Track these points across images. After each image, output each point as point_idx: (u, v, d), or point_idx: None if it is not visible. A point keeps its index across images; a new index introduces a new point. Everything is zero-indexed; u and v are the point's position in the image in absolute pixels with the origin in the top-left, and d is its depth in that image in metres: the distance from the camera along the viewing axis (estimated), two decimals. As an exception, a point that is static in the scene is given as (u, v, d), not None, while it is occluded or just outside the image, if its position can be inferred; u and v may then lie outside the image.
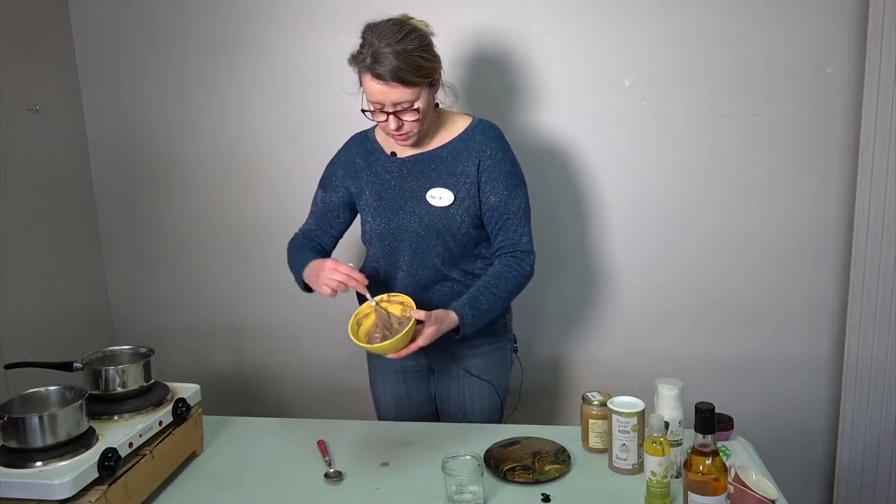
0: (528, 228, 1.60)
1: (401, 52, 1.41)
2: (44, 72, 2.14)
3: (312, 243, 1.68)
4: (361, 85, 1.48)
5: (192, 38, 2.20)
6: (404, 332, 1.34)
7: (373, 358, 1.78)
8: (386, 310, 1.45)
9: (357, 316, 1.45)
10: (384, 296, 1.47)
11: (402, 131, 1.50)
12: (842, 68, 1.99)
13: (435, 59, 1.50)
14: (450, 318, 1.45)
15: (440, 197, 1.55)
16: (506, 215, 1.57)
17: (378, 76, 1.42)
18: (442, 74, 1.55)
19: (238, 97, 2.22)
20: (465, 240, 1.58)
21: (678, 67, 2.04)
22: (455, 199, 1.55)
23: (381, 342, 1.38)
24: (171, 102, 2.25)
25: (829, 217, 2.08)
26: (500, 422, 1.72)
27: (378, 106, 1.47)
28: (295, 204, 2.20)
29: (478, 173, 1.55)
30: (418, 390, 1.75)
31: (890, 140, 1.92)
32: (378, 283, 1.63)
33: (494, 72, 2.10)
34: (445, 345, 1.61)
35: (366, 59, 1.43)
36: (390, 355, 1.37)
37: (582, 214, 2.16)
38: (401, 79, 1.42)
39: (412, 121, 1.49)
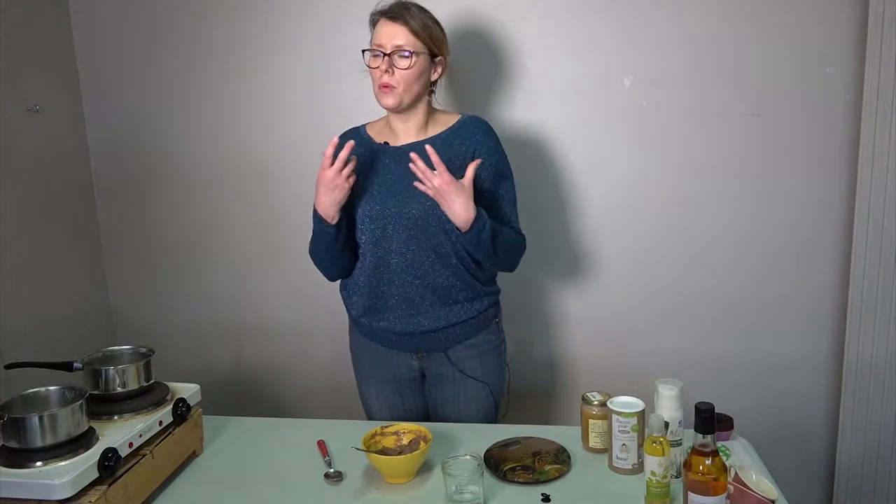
0: (516, 215, 1.67)
1: (419, 9, 1.59)
2: (44, 72, 2.14)
3: None
4: (371, 42, 1.59)
5: (192, 37, 2.20)
6: (416, 453, 1.36)
7: (361, 368, 1.77)
8: (380, 442, 1.44)
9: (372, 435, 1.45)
10: (377, 427, 1.46)
11: (390, 80, 1.55)
12: (842, 68, 1.99)
13: (443, 39, 1.63)
14: (472, 203, 1.50)
15: None
16: (496, 202, 1.63)
17: (390, 14, 1.56)
18: (444, 66, 1.63)
19: (239, 97, 2.22)
20: None
21: (678, 67, 2.04)
22: None
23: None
24: (171, 102, 2.25)
25: (829, 217, 2.08)
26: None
27: (379, 49, 1.55)
28: (296, 203, 2.20)
29: (471, 160, 1.58)
30: (413, 400, 1.75)
31: (890, 140, 1.92)
32: (374, 279, 1.63)
33: (494, 70, 2.10)
34: (439, 345, 1.65)
35: (381, 9, 1.59)
36: (392, 480, 1.38)
37: (582, 214, 2.16)
38: (408, 23, 1.55)
39: (403, 69, 1.55)
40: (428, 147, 1.48)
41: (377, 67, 1.56)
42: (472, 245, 1.55)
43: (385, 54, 1.54)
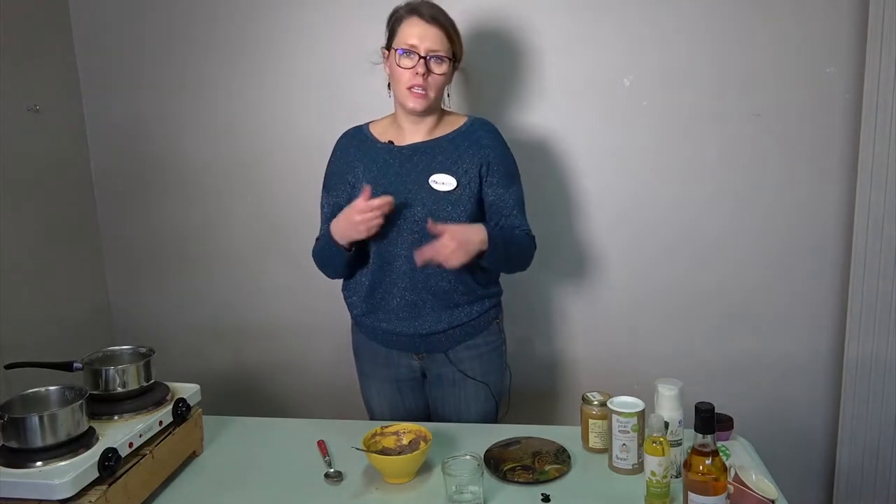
0: (524, 216, 1.67)
1: (442, 11, 1.56)
2: (44, 72, 2.14)
3: None
4: (391, 42, 1.55)
5: (193, 37, 2.20)
6: (416, 453, 1.35)
7: (363, 367, 1.77)
8: (380, 442, 1.43)
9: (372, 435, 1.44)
10: (377, 427, 1.45)
11: (425, 83, 1.52)
12: (842, 68, 1.99)
13: (462, 45, 1.61)
14: (475, 228, 1.50)
15: (443, 182, 1.57)
16: (505, 204, 1.62)
17: (420, 15, 1.52)
18: (457, 70, 1.63)
19: (239, 97, 2.22)
20: None
21: (678, 67, 2.04)
22: (458, 184, 1.57)
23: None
24: (171, 102, 2.25)
25: (829, 217, 2.08)
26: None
27: (411, 49, 1.51)
28: (296, 204, 2.21)
29: (480, 166, 1.59)
30: (414, 399, 1.75)
31: (890, 140, 1.92)
32: (377, 281, 1.63)
33: (494, 70, 2.10)
34: (440, 346, 1.65)
35: (409, 6, 1.55)
36: (392, 480, 1.38)
37: (582, 215, 2.16)
38: (441, 24, 1.52)
39: (439, 74, 1.53)
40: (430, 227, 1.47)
41: (411, 68, 1.52)
42: (496, 262, 1.57)
43: (420, 56, 1.51)
